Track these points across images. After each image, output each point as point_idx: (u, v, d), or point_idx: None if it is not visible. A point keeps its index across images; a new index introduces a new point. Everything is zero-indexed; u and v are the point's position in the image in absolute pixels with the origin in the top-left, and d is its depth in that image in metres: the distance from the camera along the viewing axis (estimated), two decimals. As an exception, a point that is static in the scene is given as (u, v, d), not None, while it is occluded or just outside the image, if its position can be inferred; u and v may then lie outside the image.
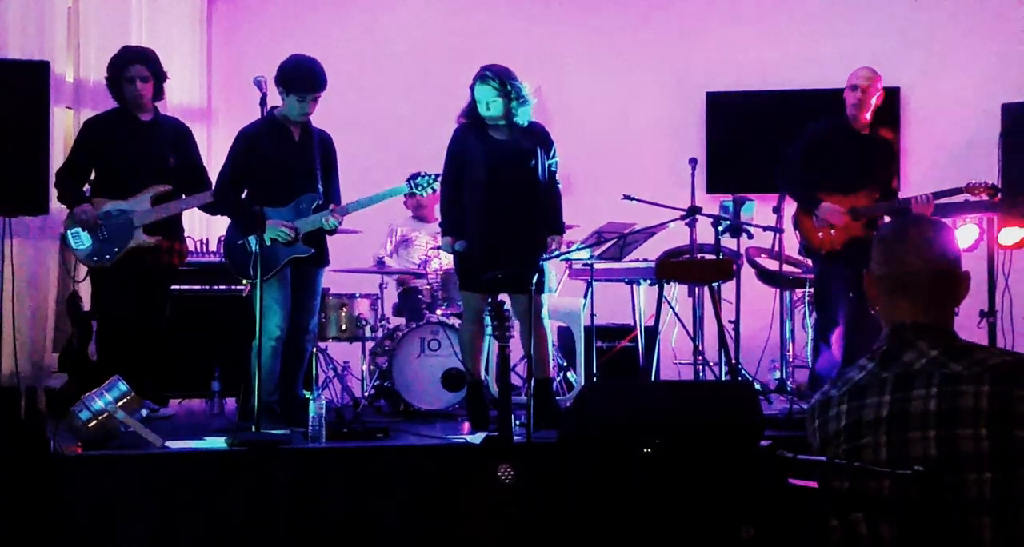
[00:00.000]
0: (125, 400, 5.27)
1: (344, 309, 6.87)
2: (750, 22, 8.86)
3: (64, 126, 7.31)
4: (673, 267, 6.64)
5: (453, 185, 6.01)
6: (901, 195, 6.81)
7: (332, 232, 6.07)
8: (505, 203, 5.93)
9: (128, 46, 6.64)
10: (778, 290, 7.37)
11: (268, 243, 5.81)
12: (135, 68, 6.27)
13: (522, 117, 5.94)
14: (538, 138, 6.02)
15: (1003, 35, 8.57)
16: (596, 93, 8.86)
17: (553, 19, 8.93)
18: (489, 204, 5.93)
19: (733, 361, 6.53)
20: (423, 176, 6.12)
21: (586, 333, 6.88)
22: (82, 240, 6.18)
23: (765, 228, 6.69)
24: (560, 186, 6.12)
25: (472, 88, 5.93)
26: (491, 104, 5.87)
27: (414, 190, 6.17)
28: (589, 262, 6.79)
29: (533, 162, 5.95)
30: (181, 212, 6.43)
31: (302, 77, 5.87)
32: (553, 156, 6.06)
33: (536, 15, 8.92)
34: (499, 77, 5.86)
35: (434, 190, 6.19)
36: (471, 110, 5.97)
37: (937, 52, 8.66)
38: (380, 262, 7.20)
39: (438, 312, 6.90)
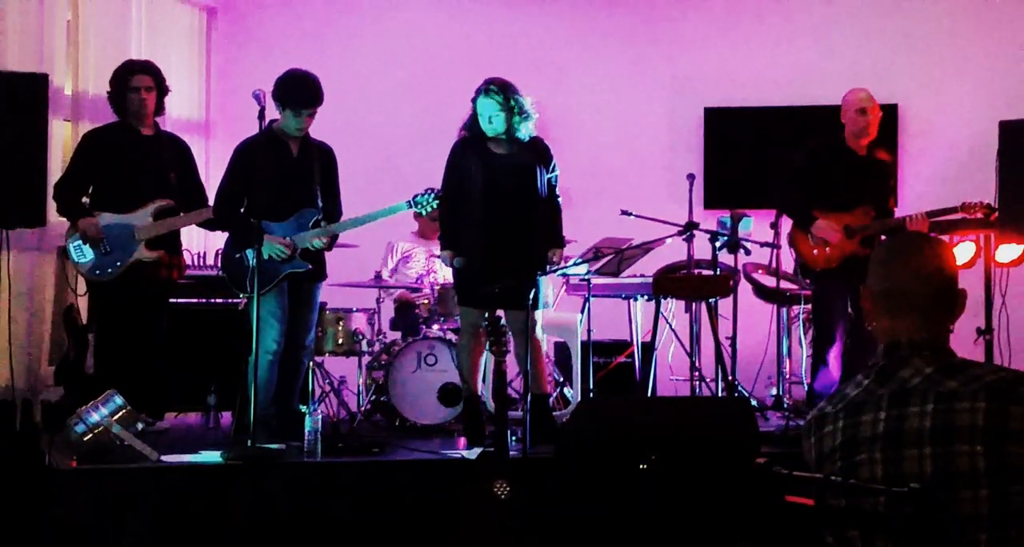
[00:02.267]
0: (121, 414, 5.26)
1: (341, 323, 6.86)
2: (749, 38, 8.87)
3: (62, 139, 7.31)
4: (670, 283, 6.64)
5: (452, 199, 6.00)
6: (897, 212, 6.81)
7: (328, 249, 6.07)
8: (504, 217, 5.93)
9: (132, 59, 6.66)
10: (775, 306, 7.37)
11: (266, 257, 5.80)
12: (139, 78, 6.29)
13: (524, 132, 5.93)
14: (538, 152, 6.01)
15: (1001, 52, 8.59)
16: (594, 108, 8.88)
17: (552, 34, 8.95)
18: (488, 218, 5.92)
19: (730, 377, 6.53)
20: (423, 194, 6.08)
21: (583, 348, 6.88)
22: (84, 253, 6.19)
23: (763, 244, 6.69)
24: (560, 200, 6.12)
25: (474, 102, 5.92)
26: (494, 118, 5.86)
27: (414, 208, 6.14)
28: (586, 277, 6.78)
29: (533, 177, 5.95)
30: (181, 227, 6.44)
31: (298, 92, 5.86)
32: (553, 170, 6.05)
33: (536, 29, 8.93)
34: (503, 91, 5.85)
35: (434, 208, 6.16)
36: (472, 123, 5.97)
37: (935, 69, 8.67)
38: (378, 277, 7.19)
39: (435, 327, 6.89)
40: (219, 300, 7.02)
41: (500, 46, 8.69)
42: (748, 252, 6.72)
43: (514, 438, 5.37)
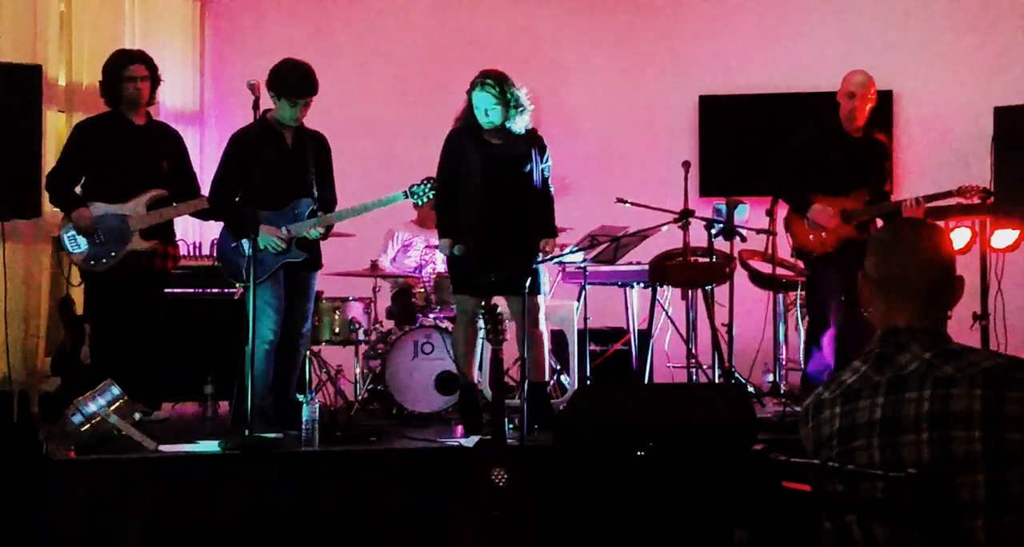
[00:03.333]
0: (118, 404, 5.26)
1: (337, 312, 6.86)
2: (743, 25, 8.87)
3: (56, 129, 7.30)
4: (666, 270, 6.65)
5: (448, 189, 5.99)
6: (893, 198, 6.82)
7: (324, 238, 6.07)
8: (500, 207, 5.93)
9: (125, 48, 6.65)
10: (771, 293, 7.38)
11: (262, 247, 5.80)
12: (135, 68, 6.27)
13: (519, 124, 5.92)
14: (532, 143, 6.01)
15: (996, 39, 8.59)
16: (590, 96, 8.87)
17: (548, 23, 8.94)
18: (484, 208, 5.92)
19: (726, 364, 6.53)
20: (420, 185, 6.06)
21: (579, 336, 6.89)
22: (79, 244, 6.17)
23: (758, 231, 6.69)
24: (553, 190, 6.12)
25: (470, 94, 5.90)
26: (490, 111, 5.85)
27: (411, 199, 6.11)
28: (582, 265, 6.79)
29: (528, 167, 5.95)
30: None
31: (294, 82, 5.85)
32: (546, 161, 6.05)
33: (530, 19, 8.92)
34: (499, 84, 5.82)
35: (430, 198, 6.13)
36: (467, 115, 5.96)
37: (930, 55, 8.67)
38: (374, 266, 7.19)
39: (431, 315, 6.89)
40: (215, 290, 7.01)
41: (495, 36, 8.68)
42: (744, 239, 6.72)
43: (511, 426, 5.38)
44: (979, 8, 8.66)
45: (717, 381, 6.54)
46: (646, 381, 6.69)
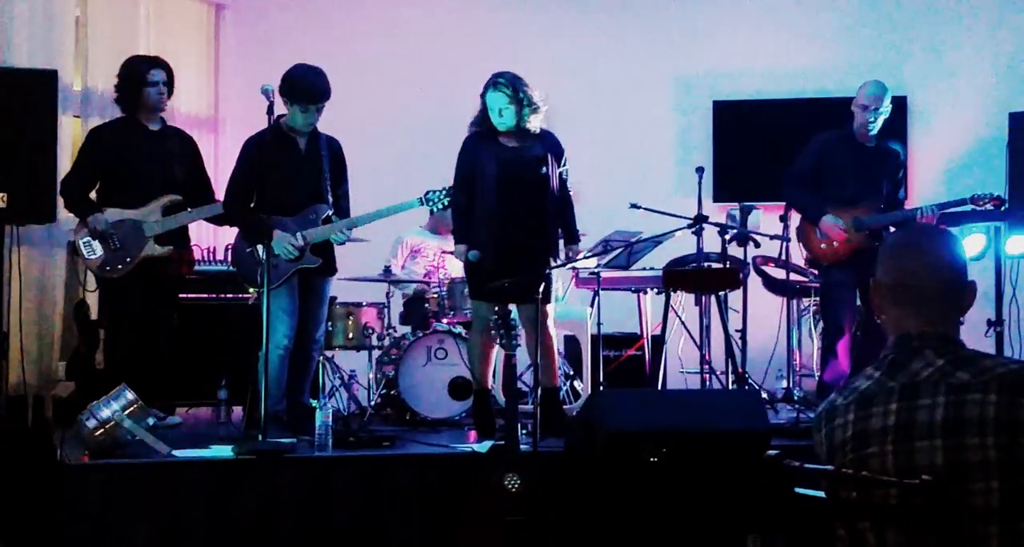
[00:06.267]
0: (132, 408, 5.27)
1: (351, 318, 6.86)
2: (757, 30, 8.86)
3: (71, 134, 7.32)
4: (680, 276, 6.64)
5: (464, 193, 6.00)
6: (907, 205, 6.80)
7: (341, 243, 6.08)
8: (517, 211, 5.92)
9: (142, 54, 6.66)
10: (785, 299, 7.37)
11: (276, 252, 5.80)
12: (158, 72, 6.29)
13: (533, 125, 5.92)
14: (549, 146, 6.01)
15: (1010, 44, 8.57)
16: (603, 101, 8.87)
17: (560, 27, 8.94)
18: (501, 212, 5.92)
19: (740, 370, 6.52)
20: (435, 191, 6.07)
21: (593, 341, 6.88)
22: (94, 250, 6.18)
23: (772, 237, 6.69)
24: (572, 194, 6.11)
25: (483, 96, 5.91)
26: (504, 112, 5.85)
27: (426, 205, 6.12)
28: (596, 271, 6.79)
29: (544, 170, 5.95)
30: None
31: (305, 88, 5.85)
32: (564, 164, 6.05)
33: (543, 23, 8.92)
34: (512, 84, 5.84)
35: (445, 205, 6.13)
36: (481, 118, 5.96)
37: (944, 61, 8.66)
38: (387, 270, 7.19)
39: (444, 321, 6.89)
40: (229, 295, 7.01)
41: (509, 40, 8.68)
42: (757, 245, 6.72)
43: (524, 431, 5.37)
44: (994, 13, 8.64)
45: (730, 387, 6.52)
46: (659, 387, 6.68)
